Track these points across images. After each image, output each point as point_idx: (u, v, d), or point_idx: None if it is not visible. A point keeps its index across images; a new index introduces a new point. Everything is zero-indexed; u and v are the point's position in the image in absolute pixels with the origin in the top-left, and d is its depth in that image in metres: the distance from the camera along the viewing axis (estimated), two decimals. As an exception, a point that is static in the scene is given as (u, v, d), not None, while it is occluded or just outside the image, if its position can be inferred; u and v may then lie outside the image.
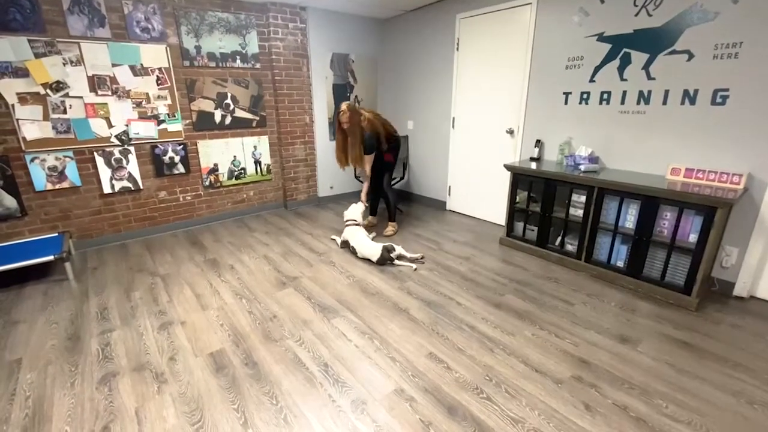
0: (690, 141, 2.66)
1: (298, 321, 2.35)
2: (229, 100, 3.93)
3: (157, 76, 3.48)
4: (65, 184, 3.25)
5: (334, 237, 3.64)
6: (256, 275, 2.95)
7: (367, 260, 3.17)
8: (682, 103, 2.65)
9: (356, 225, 3.37)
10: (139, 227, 3.69)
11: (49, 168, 3.14)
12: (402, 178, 4.51)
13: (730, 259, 2.61)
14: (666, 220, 2.57)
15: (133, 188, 3.56)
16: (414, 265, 3.03)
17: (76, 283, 2.86)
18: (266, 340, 2.17)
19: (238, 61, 3.90)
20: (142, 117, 3.48)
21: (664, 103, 2.73)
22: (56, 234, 3.24)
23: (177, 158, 3.74)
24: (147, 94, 3.46)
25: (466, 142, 4.17)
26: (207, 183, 4.00)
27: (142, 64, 3.38)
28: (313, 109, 4.46)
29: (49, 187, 3.18)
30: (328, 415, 1.66)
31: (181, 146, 3.75)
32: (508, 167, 3.32)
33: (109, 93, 3.28)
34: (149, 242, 3.64)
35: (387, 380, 1.86)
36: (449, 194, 4.52)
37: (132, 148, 3.48)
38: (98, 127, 3.29)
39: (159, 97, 3.53)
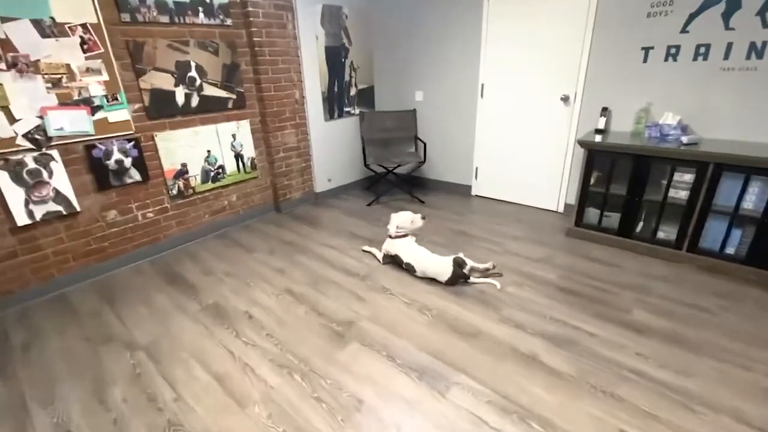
0: (819, 101, 2.22)
1: (398, 405, 1.57)
2: (193, 72, 2.78)
3: (82, 37, 2.26)
4: (-53, 219, 2.01)
5: (367, 248, 2.81)
6: (293, 325, 2.06)
7: (430, 279, 2.42)
8: (811, 54, 2.18)
9: (405, 235, 2.56)
10: (81, 266, 2.53)
11: None
12: (422, 162, 3.72)
13: None
14: (803, 198, 2.14)
15: (65, 212, 2.38)
16: (497, 283, 2.34)
17: (0, 383, 1.76)
18: (374, 455, 1.37)
19: (202, 15, 2.74)
20: (66, 103, 2.27)
21: (786, 55, 2.24)
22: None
23: (128, 161, 2.58)
24: (68, 66, 2.24)
25: (500, 114, 3.46)
26: (174, 191, 2.88)
27: (53, 19, 2.15)
28: (304, 80, 3.43)
29: None
30: None
31: (132, 143, 2.58)
32: (582, 143, 2.70)
33: (3, 66, 2.04)
34: (104, 287, 2.51)
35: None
36: (476, 177, 3.83)
37: (55, 152, 2.28)
38: (-8, 122, 2.06)
39: (88, 70, 2.32)
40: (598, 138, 2.75)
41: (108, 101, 2.43)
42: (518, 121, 3.37)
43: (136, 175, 2.64)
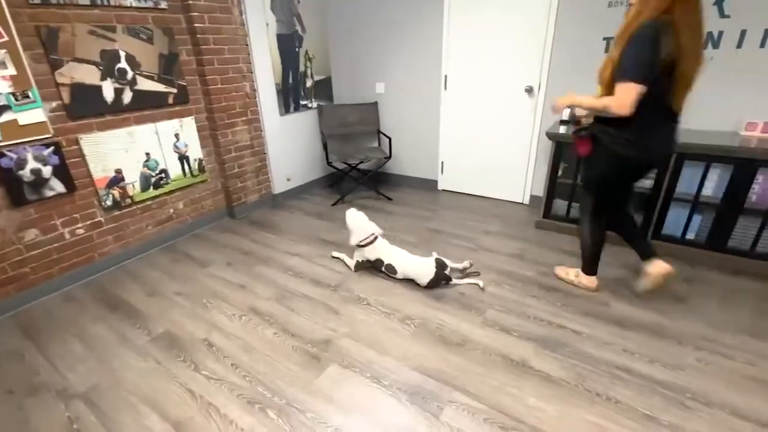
0: None
1: (390, 433, 1.42)
2: (123, 64, 2.39)
3: (-27, 20, 1.84)
4: None
5: (336, 254, 2.60)
6: (262, 351, 1.83)
7: (408, 284, 2.27)
8: (762, 45, 2.26)
9: (375, 238, 2.38)
10: (-5, 298, 2.12)
11: None
12: (388, 158, 3.55)
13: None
14: (758, 184, 2.24)
15: (-33, 235, 1.96)
16: (479, 282, 2.25)
17: None
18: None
19: (130, -5, 2.35)
20: (-43, 102, 1.84)
21: (739, 46, 2.31)
22: None
23: (47, 170, 2.17)
24: (-43, 56, 1.82)
25: (465, 107, 3.37)
26: (109, 202, 2.49)
27: (-70, -4, 1.71)
28: (255, 71, 3.11)
29: None
30: None
31: (51, 148, 2.17)
32: (551, 135, 2.67)
33: None
34: (26, 321, 2.11)
35: None
36: (442, 171, 3.73)
37: (-53, 164, 1.85)
38: None
39: (-14, 61, 1.90)
40: (563, 129, 2.73)
41: (17, 100, 2.01)
42: (483, 114, 3.30)
43: (58, 187, 2.24)
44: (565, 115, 2.83)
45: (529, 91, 3.03)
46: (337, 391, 1.60)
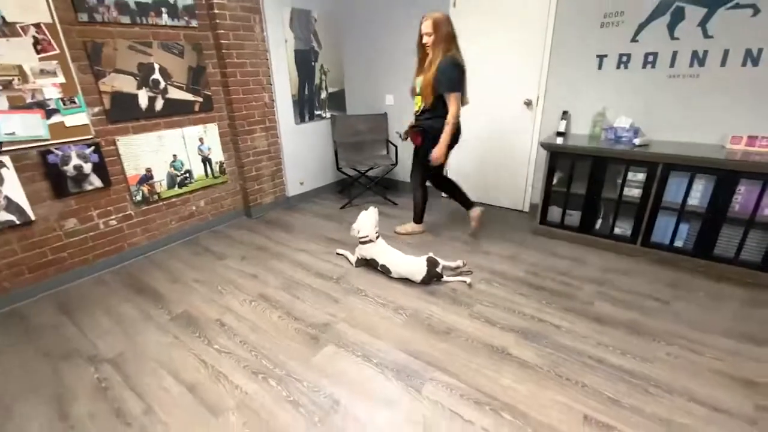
0: (752, 106, 2.43)
1: (375, 403, 1.59)
2: (157, 75, 2.70)
3: (35, 37, 2.15)
4: None
5: (341, 251, 2.81)
6: (267, 331, 2.04)
7: (404, 279, 2.45)
8: (744, 64, 2.40)
9: (370, 241, 2.56)
10: (37, 279, 2.39)
11: None
12: (394, 165, 3.77)
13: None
14: (740, 194, 2.34)
15: (18, 221, 2.24)
16: (468, 279, 2.41)
17: (-52, 407, 1.64)
18: (353, 455, 1.39)
19: (165, 16, 2.66)
20: (18, 106, 2.15)
21: (723, 64, 2.45)
22: None
23: (87, 167, 2.47)
24: (20, 67, 2.13)
25: (468, 118, 3.52)
26: (139, 197, 2.78)
27: (3, 18, 2.03)
28: (273, 83, 3.40)
29: None
30: None
31: (92, 148, 2.47)
32: (545, 145, 2.83)
33: (-53, 67, 1.91)
34: (63, 299, 2.38)
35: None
36: (445, 179, 3.92)
37: (6, 159, 2.15)
38: (-66, 126, 1.92)
39: (43, 72, 2.21)
40: (559, 140, 2.89)
41: (64, 104, 2.32)
42: (485, 124, 3.49)
43: (96, 182, 2.53)
44: (562, 127, 2.99)
45: (528, 104, 3.21)
46: (332, 366, 1.78)
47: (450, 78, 2.43)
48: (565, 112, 3.02)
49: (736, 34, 2.37)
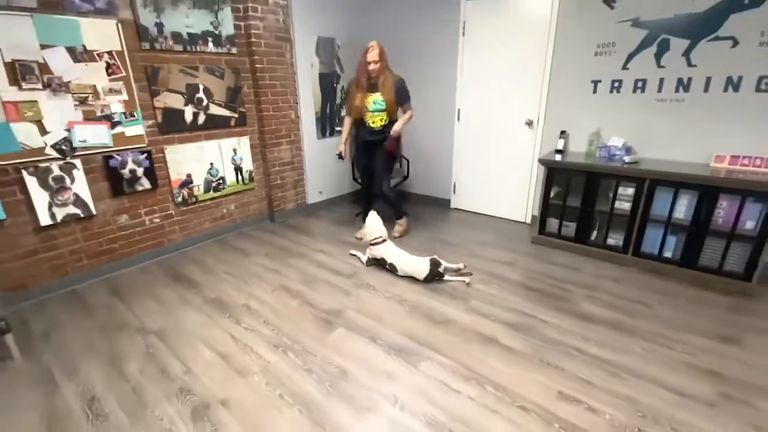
0: (733, 128, 2.65)
1: (377, 374, 1.85)
2: (201, 94, 3.13)
3: (107, 62, 2.59)
4: (-21, 218, 2.27)
5: (354, 252, 3.11)
6: (287, 315, 2.34)
7: (410, 278, 2.72)
8: (725, 90, 2.63)
9: (383, 240, 2.86)
10: (92, 266, 2.78)
11: (-49, 197, 2.15)
12: (406, 177, 4.08)
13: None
14: (722, 209, 2.54)
15: (82, 215, 2.65)
16: (466, 279, 2.66)
17: (28, 362, 1.99)
18: (355, 411, 1.65)
19: (211, 44, 3.10)
20: (90, 118, 2.58)
21: (706, 90, 2.69)
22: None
23: (140, 171, 2.87)
24: (94, 86, 2.56)
25: (475, 136, 3.87)
26: (179, 199, 3.17)
27: (84, 46, 2.48)
28: (299, 102, 3.80)
29: (-45, 224, 2.19)
30: None
31: (145, 155, 2.88)
32: (543, 161, 3.10)
33: (40, 86, 2.35)
34: (113, 284, 2.75)
35: (544, 444, 1.49)
36: (454, 191, 4.21)
37: (78, 162, 2.57)
38: (26, 134, 2.34)
39: (111, 91, 2.64)
40: (558, 157, 3.15)
41: (126, 118, 2.75)
42: (490, 142, 3.78)
43: (146, 184, 2.93)
44: (560, 145, 3.25)
45: (530, 123, 3.49)
46: (342, 345, 2.06)
47: (407, 93, 3.16)
48: (563, 132, 3.28)
49: (718, 63, 2.61)
